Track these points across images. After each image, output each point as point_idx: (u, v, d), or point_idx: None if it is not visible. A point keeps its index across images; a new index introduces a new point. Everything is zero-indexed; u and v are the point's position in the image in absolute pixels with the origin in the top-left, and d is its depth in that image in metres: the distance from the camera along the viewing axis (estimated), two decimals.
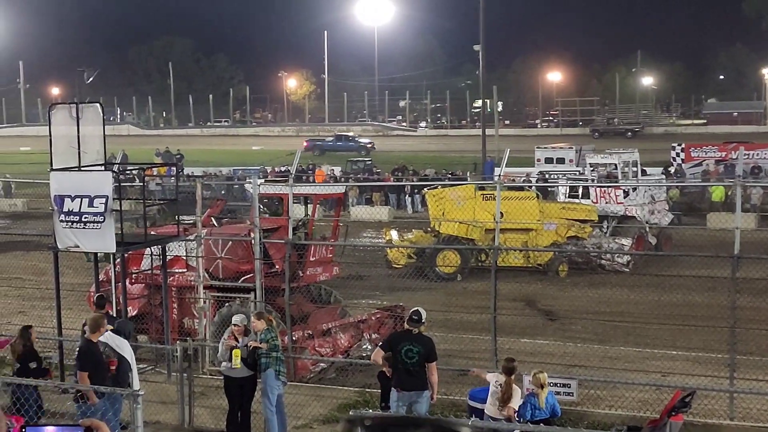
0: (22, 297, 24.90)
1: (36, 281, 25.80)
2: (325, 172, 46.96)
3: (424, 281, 26.94)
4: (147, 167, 23.94)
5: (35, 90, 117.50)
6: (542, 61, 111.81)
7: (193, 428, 14.90)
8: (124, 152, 44.63)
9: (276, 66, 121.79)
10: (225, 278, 18.81)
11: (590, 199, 32.36)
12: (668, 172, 47.07)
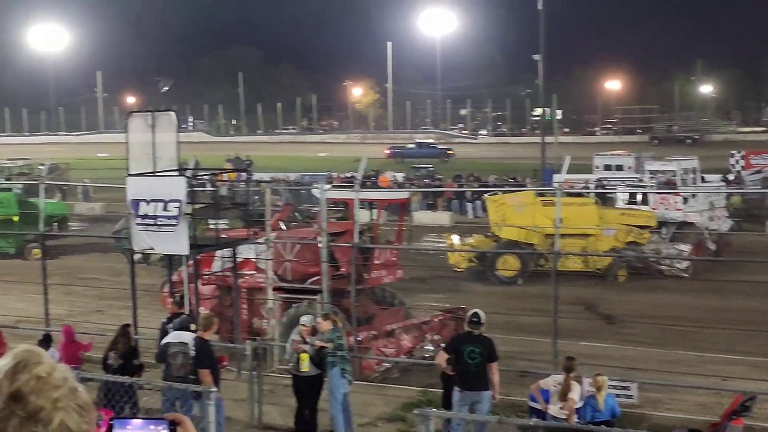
0: (99, 297, 25.27)
1: (112, 282, 26.18)
2: (389, 178, 47.01)
3: (485, 284, 26.87)
4: (218, 173, 24.16)
5: (112, 99, 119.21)
6: (601, 69, 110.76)
7: (262, 425, 14.99)
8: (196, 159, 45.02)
9: (342, 76, 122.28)
10: (293, 280, 18.93)
11: (649, 205, 31.96)
12: (727, 179, 46.31)
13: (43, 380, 2.15)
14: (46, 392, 2.13)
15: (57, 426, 2.13)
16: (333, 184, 36.28)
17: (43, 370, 2.16)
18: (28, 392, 2.12)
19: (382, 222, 21.97)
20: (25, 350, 2.21)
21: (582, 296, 24.16)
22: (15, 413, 2.11)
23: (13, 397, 2.12)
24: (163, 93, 48.56)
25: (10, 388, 2.13)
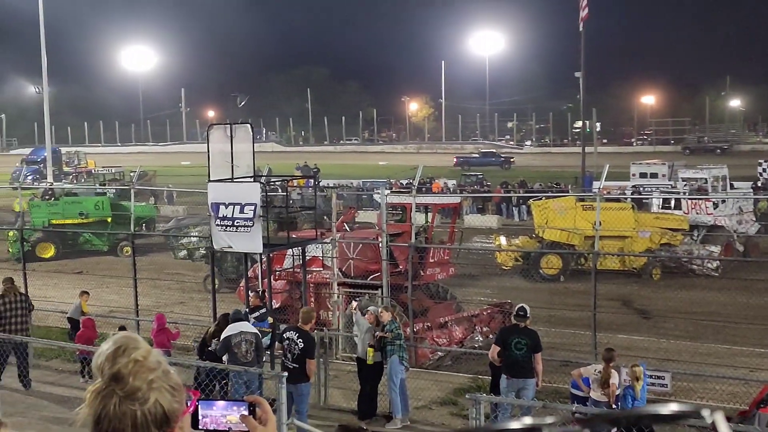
0: (182, 290, 25.56)
1: (194, 276, 26.47)
2: (441, 185, 46.92)
3: (529, 281, 26.69)
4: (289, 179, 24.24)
5: (194, 113, 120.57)
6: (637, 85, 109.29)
7: (328, 406, 15.06)
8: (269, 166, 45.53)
9: (400, 92, 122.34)
10: (355, 276, 18.98)
11: (682, 210, 31.49)
12: (756, 185, 45.49)
13: (140, 363, 2.18)
14: (143, 374, 2.17)
15: (152, 404, 2.16)
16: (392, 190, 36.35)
17: (140, 354, 2.19)
18: (127, 374, 2.16)
19: (436, 224, 21.94)
20: (124, 336, 2.25)
21: (619, 293, 23.88)
22: (115, 392, 2.15)
23: (113, 378, 2.15)
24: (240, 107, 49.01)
25: (111, 370, 2.16)
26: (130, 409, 2.14)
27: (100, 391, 2.17)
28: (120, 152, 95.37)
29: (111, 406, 2.15)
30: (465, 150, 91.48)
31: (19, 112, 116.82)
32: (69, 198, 35.68)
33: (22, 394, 15.27)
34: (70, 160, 65.50)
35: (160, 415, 2.18)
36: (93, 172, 58.87)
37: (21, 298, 16.82)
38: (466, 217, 38.20)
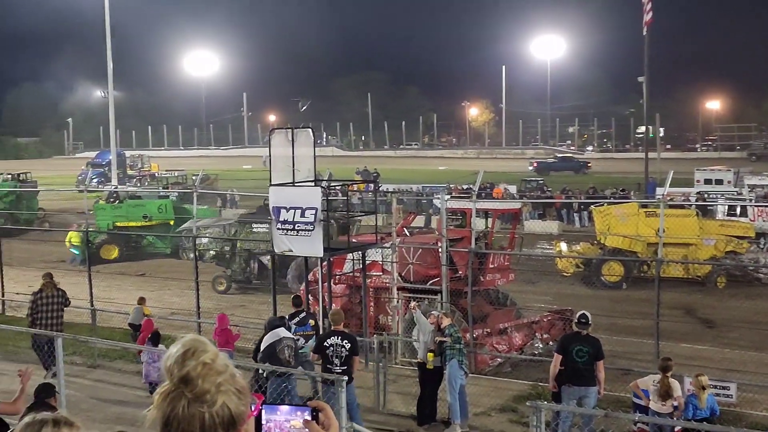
0: (243, 293, 25.83)
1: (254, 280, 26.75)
2: (502, 190, 46.63)
3: (590, 288, 26.41)
4: (349, 184, 24.34)
5: (256, 117, 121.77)
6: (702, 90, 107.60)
7: (387, 411, 15.05)
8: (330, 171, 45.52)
9: (460, 96, 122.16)
10: (415, 281, 18.96)
11: (748, 217, 30.89)
12: None
13: (209, 366, 2.20)
14: (211, 377, 2.19)
15: (219, 407, 2.18)
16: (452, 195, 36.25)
17: (208, 357, 2.22)
18: (196, 376, 2.18)
19: (497, 229, 21.82)
20: (193, 339, 2.27)
21: (683, 301, 23.48)
22: (184, 394, 2.17)
23: (182, 380, 2.18)
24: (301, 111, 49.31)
25: (180, 372, 2.19)
26: (199, 411, 2.17)
27: (169, 393, 2.19)
28: (183, 156, 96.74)
29: (180, 408, 2.17)
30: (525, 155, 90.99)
31: (86, 117, 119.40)
32: (133, 201, 36.29)
33: (86, 395, 15.55)
34: (134, 164, 66.60)
35: (227, 418, 2.20)
36: (156, 175, 59.79)
37: (58, 293, 17.55)
38: (527, 223, 37.93)
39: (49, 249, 30.32)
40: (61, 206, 42.61)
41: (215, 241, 28.14)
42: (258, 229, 27.20)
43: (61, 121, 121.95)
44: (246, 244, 27.41)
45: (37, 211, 40.18)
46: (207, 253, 28.09)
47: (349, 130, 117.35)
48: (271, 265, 18.26)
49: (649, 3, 47.79)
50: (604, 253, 28.11)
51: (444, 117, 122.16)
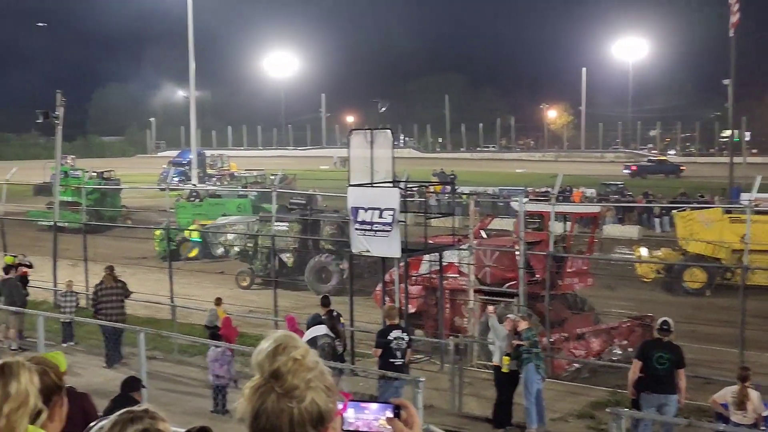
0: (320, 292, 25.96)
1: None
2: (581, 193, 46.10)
3: (671, 295, 25.92)
4: (426, 185, 24.38)
5: (334, 118, 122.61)
6: None
7: (462, 414, 15.02)
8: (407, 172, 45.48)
9: (538, 99, 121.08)
10: (491, 283, 18.87)
11: None
12: None
13: (299, 362, 2.23)
14: (301, 373, 2.21)
15: (308, 403, 2.20)
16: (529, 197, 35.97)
17: (299, 353, 2.24)
18: (286, 372, 2.21)
19: (575, 233, 21.59)
20: (284, 335, 2.30)
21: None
22: (274, 389, 2.20)
23: (273, 375, 2.21)
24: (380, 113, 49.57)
25: (270, 367, 2.22)
26: (288, 407, 2.19)
27: (259, 387, 2.22)
28: (261, 156, 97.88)
29: (269, 402, 2.20)
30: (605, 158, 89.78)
31: (168, 116, 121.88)
32: (212, 199, 36.88)
33: (166, 389, 15.85)
34: (214, 163, 67.57)
35: (316, 414, 2.21)
36: (236, 174, 60.59)
37: (118, 285, 18.53)
38: (606, 227, 37.41)
39: (131, 245, 30.95)
40: (143, 204, 43.46)
41: (240, 238, 28.58)
42: (279, 227, 27.58)
43: (145, 121, 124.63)
44: (267, 242, 27.78)
45: (120, 209, 41.10)
46: (232, 249, 28.59)
47: (426, 131, 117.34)
48: (348, 266, 18.33)
49: (736, 3, 46.67)
50: (686, 259, 27.56)
51: (522, 119, 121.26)
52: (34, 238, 31.94)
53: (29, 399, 2.96)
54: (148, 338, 14.36)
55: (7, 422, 2.90)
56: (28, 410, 2.96)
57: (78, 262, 25.93)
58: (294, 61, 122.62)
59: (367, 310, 20.65)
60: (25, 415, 2.95)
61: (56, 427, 3.19)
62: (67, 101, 25.96)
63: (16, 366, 2.99)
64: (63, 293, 20.83)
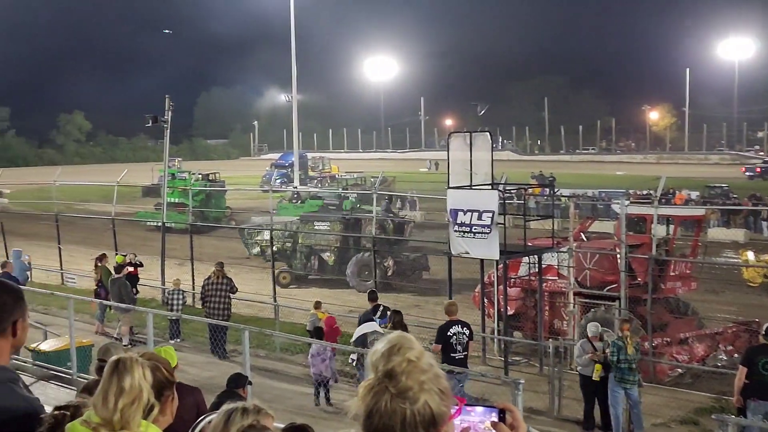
0: (417, 293, 26.05)
1: (429, 280, 26.94)
2: (684, 196, 45.05)
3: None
4: (525, 187, 24.18)
5: (432, 121, 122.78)
6: None
7: (561, 417, 14.86)
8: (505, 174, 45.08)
9: (640, 100, 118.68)
10: (591, 286, 18.60)
11: None
12: None
13: (413, 363, 2.23)
14: (415, 374, 2.22)
15: (421, 405, 2.20)
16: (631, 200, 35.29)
17: (413, 355, 2.24)
18: (400, 372, 2.21)
19: (678, 237, 21.10)
20: (400, 335, 2.31)
21: None
22: (388, 389, 2.21)
23: (387, 375, 2.22)
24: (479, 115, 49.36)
25: (385, 367, 2.23)
26: (401, 407, 2.19)
27: (373, 387, 2.23)
28: (361, 158, 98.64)
29: (383, 402, 2.20)
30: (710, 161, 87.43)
31: (271, 120, 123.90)
32: (314, 201, 37.32)
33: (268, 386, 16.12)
34: (315, 165, 68.41)
35: (428, 417, 2.20)
36: (336, 176, 61.21)
37: (224, 281, 19.18)
38: (710, 231, 36.46)
39: (235, 246, 31.56)
40: (246, 205, 44.31)
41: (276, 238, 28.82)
42: (320, 227, 27.73)
43: (248, 124, 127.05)
44: (307, 241, 28.28)
45: (224, 210, 41.96)
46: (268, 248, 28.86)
47: (525, 134, 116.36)
48: (448, 267, 18.33)
49: None
50: None
51: (622, 121, 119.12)
52: (142, 238, 32.91)
53: (143, 394, 3.05)
54: (251, 336, 14.64)
55: (122, 416, 2.99)
56: (142, 405, 3.04)
57: (185, 262, 26.62)
58: (394, 64, 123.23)
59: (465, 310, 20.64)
60: (139, 410, 3.03)
61: (167, 421, 3.29)
62: (174, 105, 26.62)
63: (129, 362, 3.08)
64: (171, 291, 21.41)
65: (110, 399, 2.99)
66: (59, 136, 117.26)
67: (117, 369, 3.05)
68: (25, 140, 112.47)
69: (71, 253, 29.81)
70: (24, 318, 3.42)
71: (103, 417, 2.97)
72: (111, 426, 2.97)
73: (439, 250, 22.19)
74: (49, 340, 16.69)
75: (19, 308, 3.40)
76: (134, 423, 3.01)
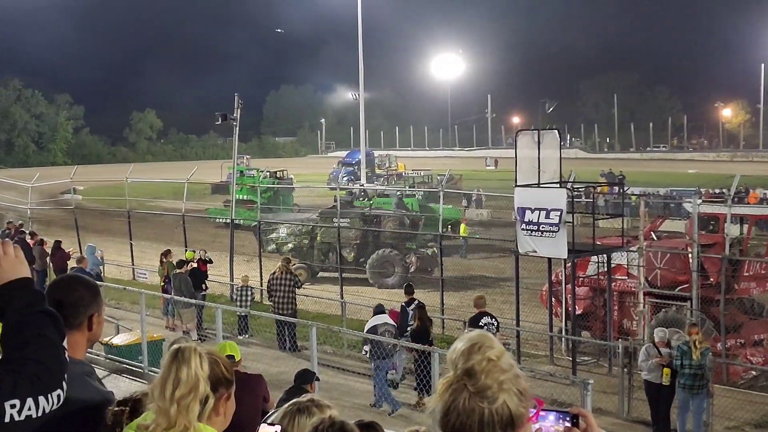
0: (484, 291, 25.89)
1: (496, 279, 26.78)
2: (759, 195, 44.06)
3: None
4: (593, 186, 23.92)
5: (499, 119, 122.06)
6: None
7: (630, 418, 14.66)
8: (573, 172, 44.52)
9: (713, 97, 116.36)
10: (662, 286, 18.30)
11: None
12: None
13: (493, 363, 2.21)
14: (495, 373, 2.20)
15: (500, 405, 2.18)
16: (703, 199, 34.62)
17: (493, 354, 2.22)
18: (480, 371, 2.20)
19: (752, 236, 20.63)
20: (480, 334, 2.29)
21: None
22: (466, 387, 2.20)
23: (466, 373, 2.20)
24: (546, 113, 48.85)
25: (465, 365, 2.22)
26: (479, 406, 2.18)
27: (452, 384, 2.22)
28: (428, 156, 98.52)
29: (461, 400, 2.19)
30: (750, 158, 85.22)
31: (338, 118, 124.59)
32: (381, 199, 37.38)
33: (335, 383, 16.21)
34: (382, 163, 68.47)
35: (506, 417, 2.19)
36: (403, 174, 61.23)
37: (288, 277, 19.58)
38: None
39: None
40: (314, 203, 44.58)
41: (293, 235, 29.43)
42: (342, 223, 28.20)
43: (316, 122, 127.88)
44: (326, 238, 28.55)
45: (292, 207, 42.28)
46: (284, 246, 29.06)
47: (594, 131, 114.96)
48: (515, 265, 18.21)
49: None
50: None
51: (695, 118, 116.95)
52: (212, 235, 33.37)
53: (199, 384, 3.03)
54: (319, 332, 14.75)
55: (178, 407, 2.99)
56: (199, 395, 3.02)
57: (253, 258, 26.90)
58: (461, 61, 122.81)
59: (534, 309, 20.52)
60: (196, 401, 3.00)
61: (221, 422, 3.25)
62: (243, 103, 26.92)
63: (188, 351, 3.07)
64: (239, 287, 21.65)
65: (168, 388, 2.98)
66: (131, 134, 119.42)
67: (176, 358, 3.05)
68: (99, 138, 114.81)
69: (143, 249, 30.35)
70: (100, 313, 3.48)
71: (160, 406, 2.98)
72: (167, 417, 2.96)
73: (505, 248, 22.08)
74: (121, 334, 17.03)
75: (95, 303, 3.46)
76: (192, 415, 3.00)
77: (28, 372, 2.38)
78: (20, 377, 2.36)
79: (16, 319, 2.49)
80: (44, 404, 2.37)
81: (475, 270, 28.70)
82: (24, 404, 2.33)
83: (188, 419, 2.99)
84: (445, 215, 27.32)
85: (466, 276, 26.94)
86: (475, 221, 40.88)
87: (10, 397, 2.31)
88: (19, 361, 2.40)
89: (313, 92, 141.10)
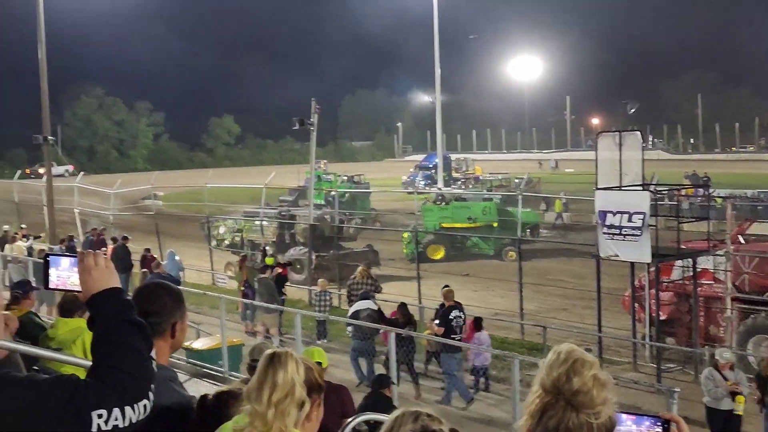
0: (564, 296, 25.63)
1: (576, 284, 26.41)
2: None
3: None
4: (677, 188, 23.49)
5: (579, 120, 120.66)
6: None
7: None
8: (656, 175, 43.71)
9: None
10: (750, 292, 17.85)
11: None
12: None
13: (599, 381, 2.31)
14: (601, 392, 2.31)
15: (605, 419, 2.29)
16: None
17: (597, 370, 2.31)
18: (586, 391, 2.30)
19: None
20: (573, 349, 2.37)
21: None
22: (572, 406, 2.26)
23: (574, 393, 2.28)
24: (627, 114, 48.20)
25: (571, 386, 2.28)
26: (587, 422, 2.27)
27: (555, 402, 2.28)
28: (506, 159, 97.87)
29: (568, 419, 2.28)
30: None
31: (415, 121, 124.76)
32: (458, 203, 37.29)
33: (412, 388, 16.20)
34: (459, 167, 68.35)
35: (609, 428, 2.31)
36: (480, 178, 60.98)
37: (368, 281, 20.14)
38: None
39: (380, 247, 31.82)
40: (391, 207, 44.68)
41: (229, 232, 31.45)
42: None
43: (392, 126, 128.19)
44: (251, 235, 30.68)
45: (369, 211, 42.44)
46: (222, 242, 30.92)
47: (677, 132, 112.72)
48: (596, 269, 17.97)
49: None
50: None
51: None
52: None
53: (296, 388, 3.05)
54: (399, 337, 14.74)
55: (276, 411, 3.01)
56: (296, 399, 3.04)
57: None
58: (538, 62, 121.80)
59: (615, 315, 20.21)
60: (293, 405, 3.02)
61: (312, 427, 3.27)
62: (320, 108, 27.14)
63: (284, 356, 3.09)
64: (318, 293, 21.82)
65: (264, 392, 3.00)
66: (209, 140, 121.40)
67: (272, 363, 3.06)
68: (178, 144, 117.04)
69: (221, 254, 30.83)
70: (183, 320, 3.54)
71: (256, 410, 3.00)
72: (264, 421, 2.99)
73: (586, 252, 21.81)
74: (201, 338, 17.28)
75: (178, 310, 3.51)
76: (290, 419, 3.02)
77: (115, 382, 2.42)
78: (107, 387, 2.40)
79: (105, 328, 2.54)
80: (131, 414, 2.41)
81: (554, 274, 28.39)
82: (111, 414, 2.37)
83: (284, 423, 3.00)
84: (523, 219, 27.12)
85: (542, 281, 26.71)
86: (552, 225, 40.50)
87: (97, 407, 2.36)
88: (106, 370, 2.45)
89: (388, 96, 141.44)
